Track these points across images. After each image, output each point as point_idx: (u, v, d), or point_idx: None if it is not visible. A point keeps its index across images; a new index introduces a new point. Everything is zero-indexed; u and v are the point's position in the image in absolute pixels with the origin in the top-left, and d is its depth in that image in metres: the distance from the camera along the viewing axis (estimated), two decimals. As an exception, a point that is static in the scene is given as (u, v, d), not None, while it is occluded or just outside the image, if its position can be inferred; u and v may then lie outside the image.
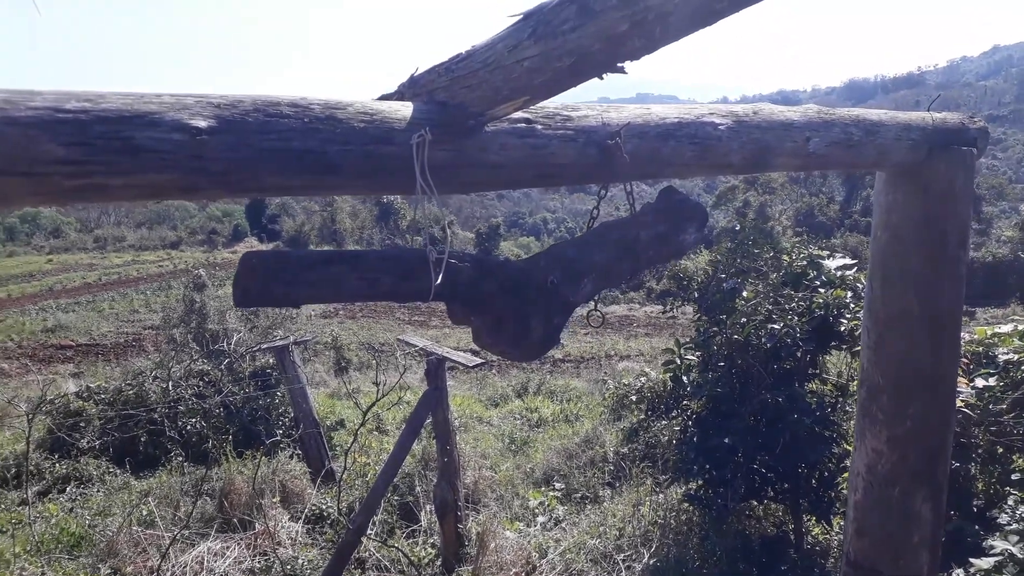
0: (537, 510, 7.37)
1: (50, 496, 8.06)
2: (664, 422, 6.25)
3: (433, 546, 6.52)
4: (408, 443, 5.84)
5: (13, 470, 8.50)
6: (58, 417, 9.40)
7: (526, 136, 1.47)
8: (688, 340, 5.43)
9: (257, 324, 11.72)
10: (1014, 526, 4.42)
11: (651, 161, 1.65)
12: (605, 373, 13.53)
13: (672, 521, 6.24)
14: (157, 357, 12.33)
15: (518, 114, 1.46)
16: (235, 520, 6.70)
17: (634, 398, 9.54)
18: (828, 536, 5.62)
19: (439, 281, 1.31)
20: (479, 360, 5.92)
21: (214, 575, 5.79)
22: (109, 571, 5.59)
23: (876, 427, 2.46)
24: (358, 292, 1.33)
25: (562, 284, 1.56)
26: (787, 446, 4.75)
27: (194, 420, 9.40)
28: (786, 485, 5.29)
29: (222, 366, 9.31)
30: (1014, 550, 4.31)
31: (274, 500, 6.99)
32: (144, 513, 6.96)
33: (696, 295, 5.32)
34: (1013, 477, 4.64)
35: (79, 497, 7.97)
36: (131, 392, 9.92)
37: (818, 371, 5.27)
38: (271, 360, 9.60)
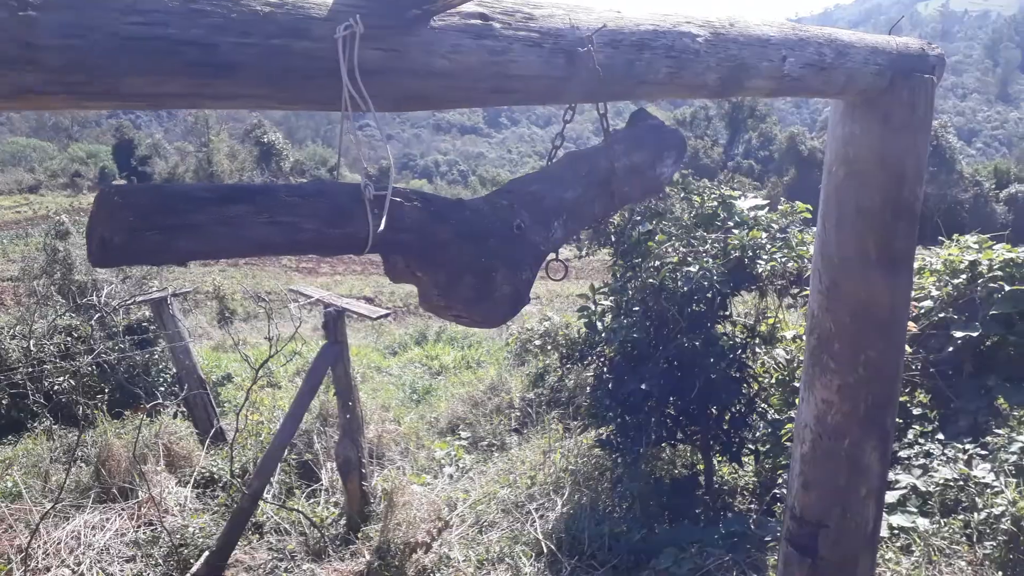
0: (444, 461, 7.17)
1: None
2: (576, 371, 6.12)
3: (336, 504, 6.22)
4: (306, 401, 5.46)
5: None
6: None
7: (483, 37, 1.13)
8: (602, 285, 5.26)
9: (131, 274, 10.79)
10: (918, 460, 4.55)
11: (625, 77, 1.36)
12: (505, 318, 13.37)
13: (583, 467, 6.18)
14: (18, 312, 11.19)
15: (470, 6, 1.12)
16: (115, 489, 6.14)
17: (537, 342, 9.44)
18: (736, 476, 5.70)
19: (383, 226, 0.99)
20: (383, 311, 5.56)
21: (93, 550, 5.27)
22: (-33, 555, 4.98)
23: (827, 376, 2.32)
24: (268, 242, 0.98)
25: (530, 228, 1.27)
26: (701, 389, 4.70)
27: (61, 380, 8.58)
28: (697, 427, 5.28)
29: (91, 321, 8.49)
30: (917, 483, 4.45)
31: (158, 465, 6.45)
32: (9, 485, 6.28)
33: (612, 239, 5.14)
34: (914, 412, 4.78)
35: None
36: (-13, 350, 8.93)
37: (728, 313, 5.23)
38: (147, 313, 8.84)
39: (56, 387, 8.54)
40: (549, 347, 7.34)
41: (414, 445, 7.53)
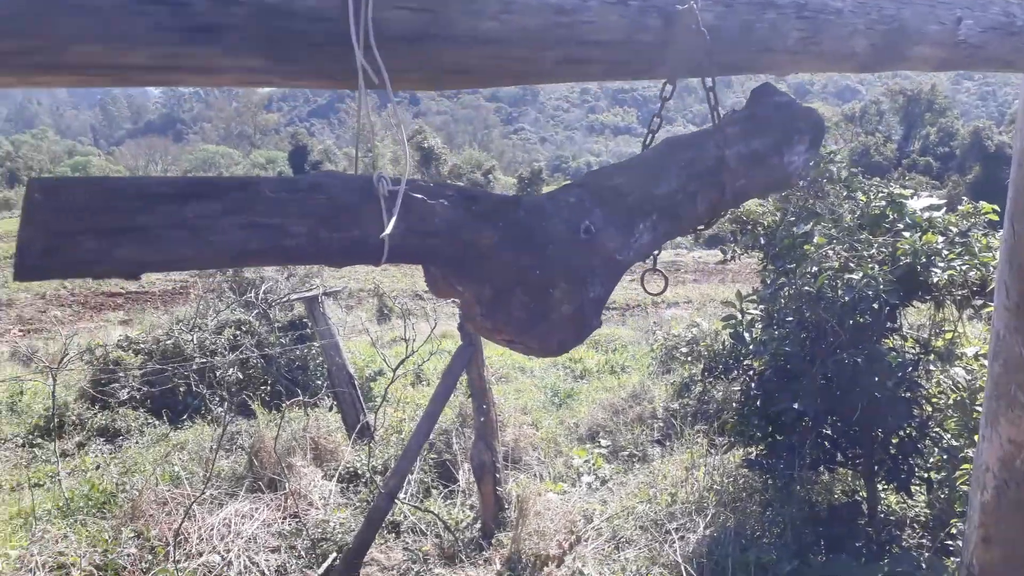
0: (582, 469, 6.95)
1: (88, 448, 7.94)
2: (722, 384, 5.71)
3: (471, 507, 6.17)
4: (442, 402, 5.44)
5: (56, 420, 8.41)
6: (98, 367, 9.29)
7: (549, -9, 0.92)
8: (751, 292, 4.84)
9: (295, 271, 11.43)
10: None
11: (741, 43, 1.10)
12: (653, 323, 12.97)
13: (730, 487, 5.75)
14: (197, 306, 12.17)
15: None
16: (266, 479, 6.43)
17: (684, 350, 9.01)
18: (905, 507, 5.08)
19: (390, 228, 0.81)
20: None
21: (241, 539, 5.53)
22: (132, 534, 5.36)
23: (1015, 411, 1.90)
24: (244, 249, 0.81)
25: (604, 231, 1.05)
26: (864, 410, 4.19)
27: (231, 371, 9.20)
28: (859, 451, 4.75)
29: (252, 316, 9.04)
30: None
31: (305, 458, 6.70)
32: (177, 470, 6.75)
33: (762, 241, 4.71)
34: None
35: (116, 450, 7.84)
36: (169, 342, 9.74)
37: (898, 326, 4.66)
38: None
39: (226, 378, 9.18)
40: (695, 356, 6.93)
41: (552, 451, 7.36)
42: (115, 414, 8.54)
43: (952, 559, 4.40)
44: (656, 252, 1.33)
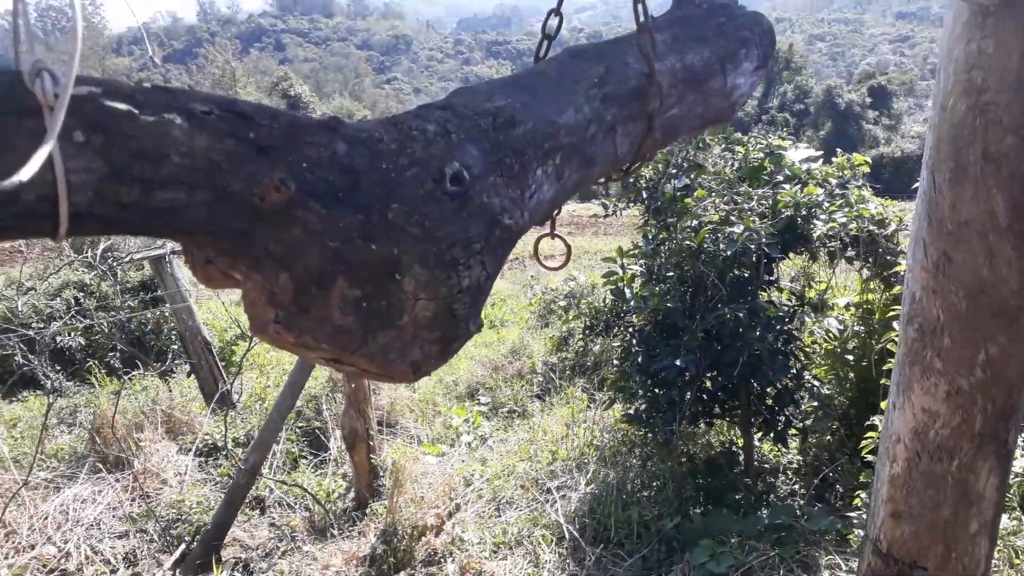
0: (461, 429, 6.73)
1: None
2: (601, 338, 5.59)
3: (344, 477, 5.82)
4: (307, 369, 5.02)
5: None
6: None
7: None
8: (632, 247, 4.69)
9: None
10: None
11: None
12: (532, 276, 12.86)
13: (609, 442, 5.70)
14: (40, 265, 10.89)
15: None
16: (111, 458, 5.80)
17: (562, 303, 8.94)
18: (778, 453, 5.19)
19: (36, 165, 0.43)
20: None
21: (82, 526, 4.94)
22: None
23: (931, 378, 1.78)
24: None
25: (483, 180, 0.72)
26: (745, 365, 4.16)
27: (70, 337, 8.29)
28: (736, 403, 4.76)
29: (91, 276, 8.15)
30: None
31: (156, 432, 6.10)
32: (3, 450, 5.97)
33: (644, 195, 4.55)
34: None
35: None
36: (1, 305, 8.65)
37: (775, 279, 4.65)
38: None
39: (64, 346, 8.27)
40: (576, 311, 6.81)
41: (431, 412, 7.10)
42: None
43: (825, 505, 4.51)
44: (556, 211, 1.01)
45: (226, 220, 0.59)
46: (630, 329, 4.75)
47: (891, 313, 3.89)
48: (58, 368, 7.90)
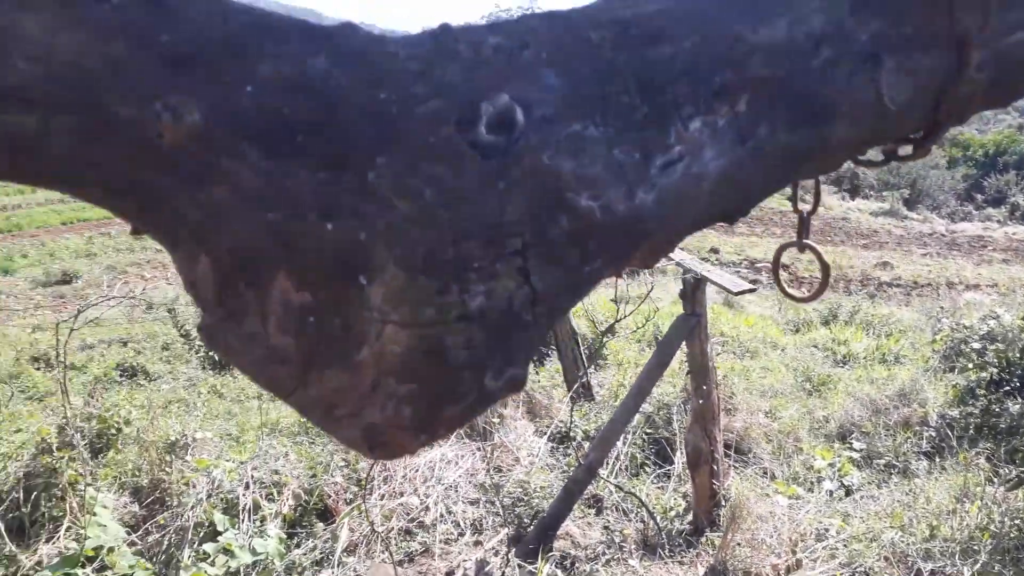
0: (824, 473, 5.96)
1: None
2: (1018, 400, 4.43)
3: (685, 496, 5.54)
4: (655, 376, 4.87)
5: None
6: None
7: None
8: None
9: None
10: None
11: None
12: (941, 307, 11.00)
13: (1011, 531, 4.52)
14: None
15: None
16: (478, 425, 6.32)
17: (976, 346, 7.41)
18: None
19: None
20: (747, 286, 4.56)
21: (441, 485, 5.46)
22: (342, 463, 5.49)
23: None
24: None
25: (554, 124, 0.41)
26: None
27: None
28: None
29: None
30: None
31: (519, 410, 6.50)
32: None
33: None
34: None
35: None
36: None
37: None
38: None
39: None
40: (977, 349, 5.57)
41: (790, 446, 6.43)
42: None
43: None
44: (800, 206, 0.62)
45: (113, 164, 0.40)
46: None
47: None
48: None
